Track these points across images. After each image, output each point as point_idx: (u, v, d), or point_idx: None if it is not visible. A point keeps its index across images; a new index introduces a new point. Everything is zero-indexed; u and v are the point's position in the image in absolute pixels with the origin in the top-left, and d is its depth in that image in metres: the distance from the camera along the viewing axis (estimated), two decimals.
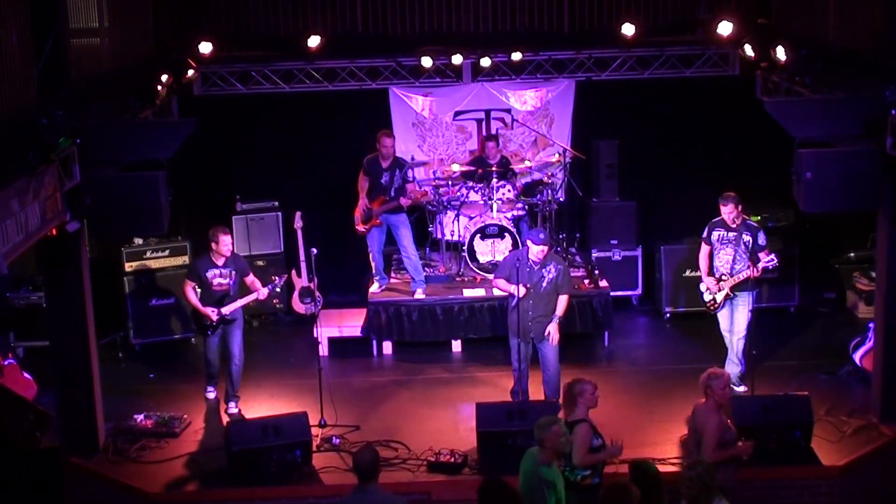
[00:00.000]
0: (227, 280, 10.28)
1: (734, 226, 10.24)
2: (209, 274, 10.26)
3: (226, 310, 10.23)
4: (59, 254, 9.14)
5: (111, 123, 9.33)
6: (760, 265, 10.08)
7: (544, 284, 9.79)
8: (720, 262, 10.34)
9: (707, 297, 10.49)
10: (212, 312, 10.20)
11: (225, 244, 10.22)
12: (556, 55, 12.86)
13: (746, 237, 10.21)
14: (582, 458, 7.62)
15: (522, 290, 9.69)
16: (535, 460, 7.29)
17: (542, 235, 9.87)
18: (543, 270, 9.77)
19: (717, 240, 10.35)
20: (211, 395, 10.71)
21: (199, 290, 10.42)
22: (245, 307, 10.53)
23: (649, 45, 12.57)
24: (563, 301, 9.87)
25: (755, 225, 10.39)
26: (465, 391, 10.73)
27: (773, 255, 10.13)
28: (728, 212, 10.20)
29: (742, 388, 10.23)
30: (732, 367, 10.42)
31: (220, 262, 10.28)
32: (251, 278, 10.46)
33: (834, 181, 9.05)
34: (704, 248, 10.51)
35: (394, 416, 10.32)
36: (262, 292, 10.33)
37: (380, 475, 7.29)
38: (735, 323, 10.31)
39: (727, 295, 10.28)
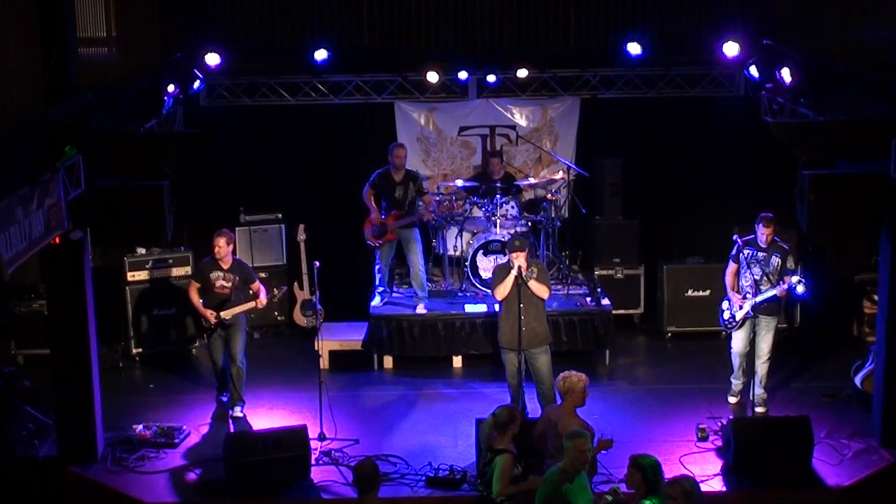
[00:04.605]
0: (229, 284, 10.35)
1: (765, 246, 10.14)
2: (212, 276, 10.35)
3: (224, 314, 10.27)
4: (61, 262, 9.15)
5: (117, 133, 9.35)
6: (784, 285, 9.94)
7: (530, 283, 9.75)
8: (746, 281, 10.19)
9: (726, 315, 10.37)
10: (210, 315, 10.25)
11: (216, 246, 10.26)
12: (562, 73, 12.89)
13: (776, 259, 10.09)
14: (503, 489, 7.82)
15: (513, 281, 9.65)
16: (557, 476, 7.30)
17: (518, 242, 9.79)
18: (528, 272, 9.74)
19: (746, 259, 10.18)
20: (226, 398, 10.69)
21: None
22: (248, 317, 10.62)
23: (654, 65, 12.60)
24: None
25: (787, 248, 10.21)
26: (466, 407, 10.71)
27: (802, 279, 9.99)
28: (768, 232, 10.06)
29: (762, 409, 10.26)
30: (738, 384, 10.49)
31: (225, 265, 10.37)
32: (257, 285, 10.49)
33: (838, 204, 9.04)
34: (731, 266, 10.36)
35: (393, 430, 10.31)
36: (262, 300, 10.41)
37: (379, 489, 7.32)
38: (759, 346, 10.17)
39: (746, 315, 10.14)
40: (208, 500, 9.06)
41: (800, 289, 10.01)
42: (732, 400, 10.57)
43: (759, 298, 10.05)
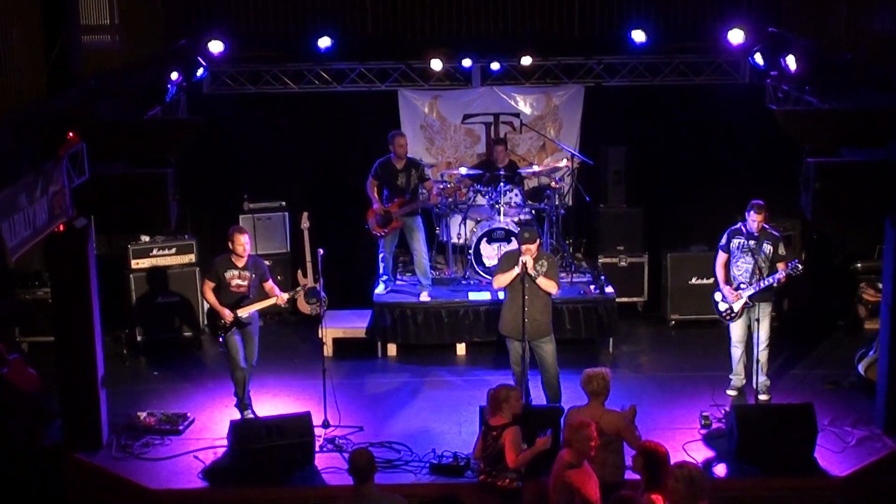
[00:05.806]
0: (246, 282, 9.97)
1: (756, 234, 10.03)
2: (227, 274, 9.92)
3: (241, 312, 9.99)
4: (65, 250, 9.15)
5: (120, 121, 9.35)
6: (784, 271, 9.85)
7: (538, 280, 9.72)
8: (738, 270, 10.11)
9: (722, 306, 10.26)
10: (227, 314, 9.93)
11: (239, 243, 9.93)
12: (566, 60, 12.87)
13: (767, 246, 10.00)
14: (515, 460, 7.80)
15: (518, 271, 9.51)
16: (563, 462, 7.32)
17: (527, 234, 9.76)
18: (537, 265, 9.71)
19: (737, 248, 10.09)
20: (251, 412, 10.21)
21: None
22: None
23: (659, 52, 12.57)
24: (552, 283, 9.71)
25: (777, 234, 10.11)
26: (469, 394, 10.71)
27: (796, 262, 9.91)
28: (760, 219, 9.93)
29: (766, 397, 10.22)
30: (737, 380, 10.44)
31: (240, 263, 9.95)
32: (270, 284, 10.23)
33: (842, 192, 9.03)
34: (721, 256, 10.26)
35: (397, 417, 10.33)
36: (282, 297, 10.14)
37: (377, 475, 7.30)
38: (759, 334, 10.10)
39: (745, 305, 10.09)
40: (213, 486, 9.08)
41: (793, 273, 9.96)
42: (732, 393, 10.52)
43: (753, 290, 10.00)
